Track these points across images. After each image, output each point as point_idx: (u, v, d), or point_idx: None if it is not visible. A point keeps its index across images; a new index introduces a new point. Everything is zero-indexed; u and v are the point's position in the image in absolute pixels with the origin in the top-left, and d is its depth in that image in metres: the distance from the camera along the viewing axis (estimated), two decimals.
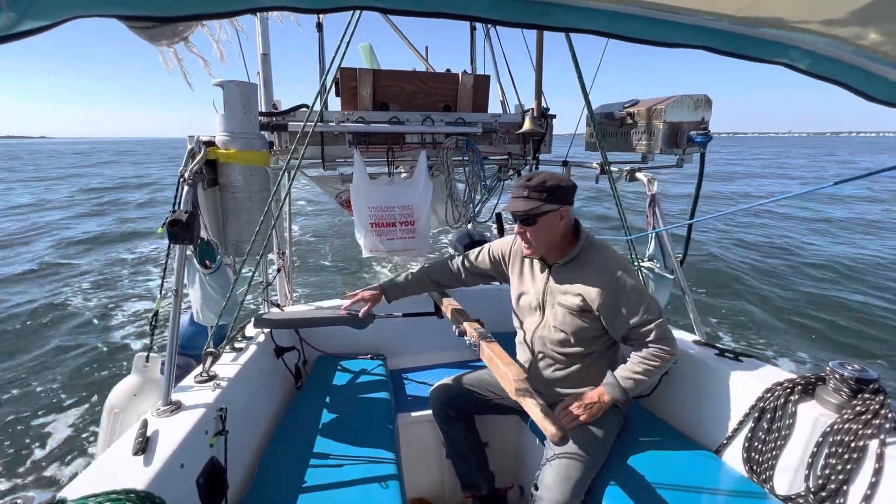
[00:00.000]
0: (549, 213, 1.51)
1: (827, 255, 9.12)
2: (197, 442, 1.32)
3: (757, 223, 12.42)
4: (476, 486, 1.93)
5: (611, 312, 1.53)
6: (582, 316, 1.57)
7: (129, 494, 0.92)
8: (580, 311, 1.56)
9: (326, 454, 1.61)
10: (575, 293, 1.57)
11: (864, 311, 6.27)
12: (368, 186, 2.26)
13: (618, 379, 1.53)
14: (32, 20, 0.52)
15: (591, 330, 1.59)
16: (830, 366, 1.40)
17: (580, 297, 1.55)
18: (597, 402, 1.53)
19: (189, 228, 1.45)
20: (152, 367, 1.82)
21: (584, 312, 1.56)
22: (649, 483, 1.44)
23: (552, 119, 2.48)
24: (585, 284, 1.55)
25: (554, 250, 1.61)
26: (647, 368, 1.51)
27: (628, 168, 2.08)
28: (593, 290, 1.53)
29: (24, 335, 5.76)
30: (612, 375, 1.55)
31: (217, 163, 1.76)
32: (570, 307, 1.58)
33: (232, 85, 1.73)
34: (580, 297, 1.55)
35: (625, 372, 1.54)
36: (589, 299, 1.54)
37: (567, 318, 1.59)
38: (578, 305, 1.56)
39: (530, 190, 1.51)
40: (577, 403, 1.54)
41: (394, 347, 2.50)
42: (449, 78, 2.43)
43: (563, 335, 1.60)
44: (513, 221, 1.62)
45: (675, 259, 1.95)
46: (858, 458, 1.22)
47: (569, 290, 1.59)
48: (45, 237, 11.22)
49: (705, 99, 1.96)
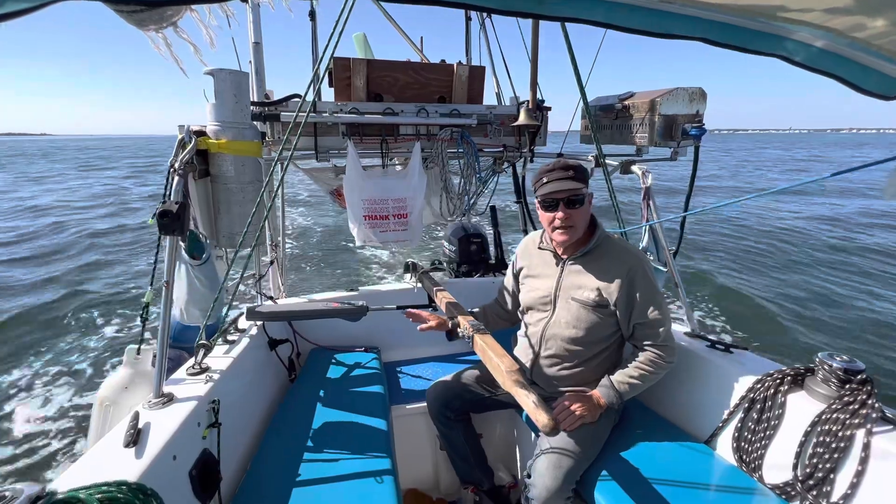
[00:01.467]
0: (587, 196, 1.52)
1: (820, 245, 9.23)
2: (189, 434, 1.32)
3: (748, 214, 12.54)
4: (477, 482, 1.94)
5: (624, 305, 1.52)
6: (598, 311, 1.55)
7: (121, 486, 0.91)
8: (596, 305, 1.54)
9: (320, 446, 1.61)
10: (591, 287, 1.55)
11: (853, 302, 6.37)
12: (362, 178, 2.25)
13: (614, 383, 1.53)
14: (15, 2, 0.51)
15: (605, 326, 1.57)
16: (819, 357, 1.42)
17: (597, 290, 1.53)
18: (594, 403, 1.53)
19: (179, 219, 1.43)
20: (143, 359, 1.81)
21: (599, 307, 1.54)
22: (640, 473, 1.46)
23: (547, 111, 2.47)
24: (602, 278, 1.54)
25: (575, 241, 1.58)
26: (643, 374, 1.52)
27: (623, 160, 2.08)
28: (611, 283, 1.52)
29: (18, 324, 5.70)
30: (609, 379, 1.55)
31: (208, 153, 1.73)
32: (585, 301, 1.55)
33: (223, 73, 1.70)
34: (597, 291, 1.53)
35: (622, 376, 1.54)
36: (606, 293, 1.52)
37: (581, 314, 1.56)
38: (594, 300, 1.54)
39: (575, 171, 1.49)
40: (576, 404, 1.52)
41: (388, 340, 2.50)
42: (444, 69, 2.41)
43: (574, 331, 1.58)
44: (545, 207, 1.54)
45: (668, 251, 1.96)
46: (845, 448, 1.24)
47: (584, 285, 1.56)
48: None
49: (700, 92, 1.96)
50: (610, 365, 1.63)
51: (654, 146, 2.03)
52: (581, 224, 1.54)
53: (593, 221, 1.62)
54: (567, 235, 1.54)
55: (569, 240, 1.55)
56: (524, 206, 2.97)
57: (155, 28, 1.46)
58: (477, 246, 3.17)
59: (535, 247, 1.76)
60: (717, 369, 1.69)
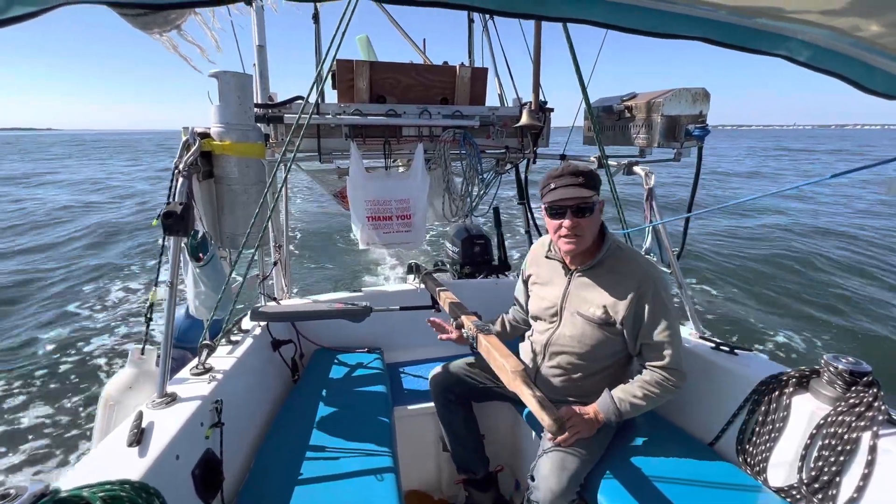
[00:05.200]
0: (598, 204, 1.46)
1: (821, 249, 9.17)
2: (192, 434, 1.32)
3: (748, 216, 12.48)
4: (472, 470, 1.94)
5: (631, 324, 1.46)
6: (604, 328, 1.49)
7: (124, 485, 0.91)
8: (602, 322, 1.48)
9: (323, 447, 1.62)
10: (598, 304, 1.49)
11: (860, 303, 6.31)
12: (365, 180, 2.25)
13: (615, 399, 1.47)
14: (21, 6, 0.51)
15: (611, 343, 1.51)
16: (825, 359, 1.41)
17: (603, 308, 1.47)
18: (592, 418, 1.48)
19: (183, 220, 1.44)
20: (148, 359, 1.82)
21: (606, 325, 1.48)
22: (644, 475, 1.45)
23: (550, 112, 2.47)
24: (610, 293, 1.47)
25: (583, 251, 1.52)
26: (646, 394, 1.45)
27: (626, 162, 2.07)
28: (619, 301, 1.45)
29: (23, 322, 5.74)
30: (610, 394, 1.49)
31: (212, 155, 1.75)
32: (590, 318, 1.49)
33: (227, 76, 1.71)
34: (603, 309, 1.47)
35: (623, 394, 1.47)
36: (613, 311, 1.46)
37: (586, 329, 1.51)
38: (600, 317, 1.48)
39: (585, 177, 1.43)
40: (573, 418, 1.46)
41: (391, 341, 2.50)
42: (447, 70, 2.41)
43: (577, 346, 1.53)
44: (552, 214, 1.48)
45: (671, 253, 1.95)
46: (851, 451, 1.23)
47: (591, 300, 1.51)
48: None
49: (703, 92, 1.95)
50: (615, 380, 1.56)
51: (657, 147, 2.02)
52: (589, 233, 1.48)
53: (602, 230, 1.56)
54: (573, 245, 1.47)
55: (575, 249, 1.49)
56: (527, 207, 2.96)
57: (159, 31, 1.48)
58: (480, 247, 3.17)
59: (543, 255, 1.71)
60: (722, 371, 1.68)
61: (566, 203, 1.43)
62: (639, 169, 2.02)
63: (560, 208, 1.45)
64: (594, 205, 1.45)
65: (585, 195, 1.42)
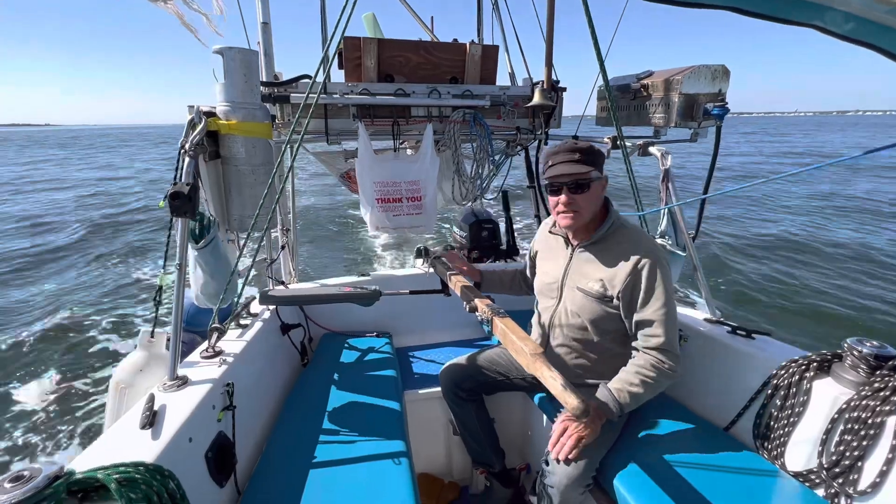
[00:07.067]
0: (597, 180, 1.46)
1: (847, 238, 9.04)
2: (204, 416, 1.31)
3: (768, 203, 12.32)
4: (489, 463, 1.94)
5: (627, 299, 1.44)
6: (602, 302, 1.49)
7: (139, 467, 0.90)
8: (600, 297, 1.48)
9: (335, 430, 1.61)
10: (596, 278, 1.49)
11: (882, 294, 6.22)
12: (373, 161, 2.21)
13: (614, 392, 1.41)
14: None
15: (612, 319, 1.49)
16: (848, 342, 1.38)
17: (601, 282, 1.48)
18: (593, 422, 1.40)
19: (191, 201, 1.41)
20: (157, 342, 1.81)
21: (604, 299, 1.48)
22: (659, 459, 1.44)
23: (562, 92, 2.41)
24: (609, 268, 1.47)
25: (585, 227, 1.54)
26: (643, 380, 1.39)
27: (641, 142, 2.01)
28: (616, 275, 1.45)
29: (33, 306, 5.79)
30: (607, 389, 1.43)
31: (218, 134, 1.71)
32: (589, 292, 1.50)
33: (233, 52, 1.66)
34: (601, 283, 1.48)
35: (621, 384, 1.42)
36: (610, 284, 1.46)
37: (585, 304, 1.52)
38: (598, 291, 1.48)
39: (582, 153, 1.44)
40: (570, 430, 1.39)
41: (400, 325, 2.48)
42: (456, 48, 2.35)
43: (579, 320, 1.53)
44: (551, 191, 1.50)
45: (687, 235, 1.91)
46: (875, 435, 1.20)
47: (590, 275, 1.51)
48: None
49: (723, 69, 1.88)
50: (621, 361, 1.51)
51: (674, 127, 1.96)
52: (587, 209, 1.48)
53: (607, 206, 1.56)
54: (570, 220, 1.49)
55: (573, 224, 1.50)
56: (537, 190, 2.91)
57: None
58: (488, 232, 3.14)
59: (548, 231, 1.74)
60: (739, 355, 1.65)
61: (562, 179, 1.45)
62: (654, 149, 1.96)
63: (557, 184, 1.47)
64: (591, 181, 1.45)
65: (582, 171, 1.42)
